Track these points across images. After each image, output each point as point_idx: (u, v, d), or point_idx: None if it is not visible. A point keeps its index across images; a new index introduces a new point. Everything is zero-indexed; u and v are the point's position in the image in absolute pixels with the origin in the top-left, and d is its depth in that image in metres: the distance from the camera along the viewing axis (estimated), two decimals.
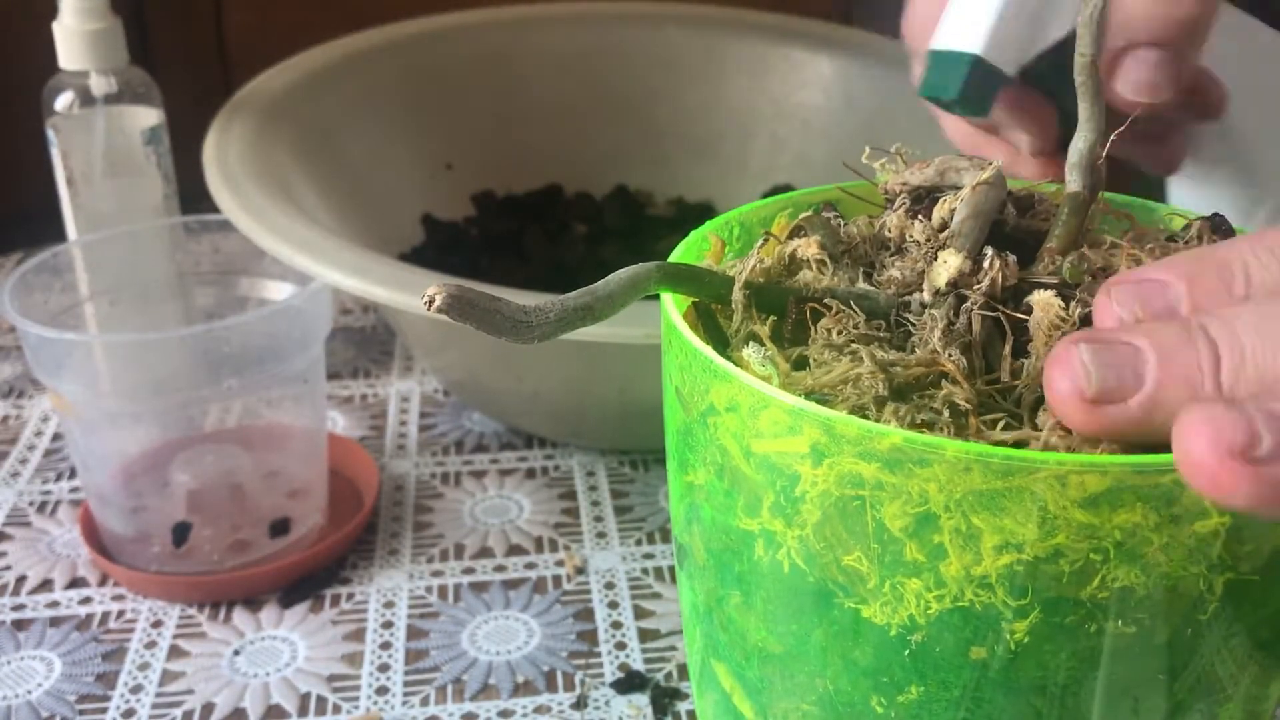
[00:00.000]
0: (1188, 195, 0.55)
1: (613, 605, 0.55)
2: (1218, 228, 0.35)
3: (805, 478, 0.29)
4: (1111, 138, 0.34)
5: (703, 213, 0.82)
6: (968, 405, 0.29)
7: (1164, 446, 0.25)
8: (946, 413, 0.29)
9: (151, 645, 0.53)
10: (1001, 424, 0.29)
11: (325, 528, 0.59)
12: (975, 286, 0.32)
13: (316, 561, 0.56)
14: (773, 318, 0.33)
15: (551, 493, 0.63)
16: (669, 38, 0.86)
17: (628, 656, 0.52)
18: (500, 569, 0.57)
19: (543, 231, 0.80)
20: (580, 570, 0.57)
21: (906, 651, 0.29)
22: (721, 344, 0.33)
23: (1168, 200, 0.55)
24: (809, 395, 0.29)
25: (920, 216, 0.34)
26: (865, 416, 0.28)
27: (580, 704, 0.49)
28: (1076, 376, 0.26)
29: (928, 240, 0.34)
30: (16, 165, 0.75)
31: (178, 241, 0.63)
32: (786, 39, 0.84)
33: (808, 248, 0.33)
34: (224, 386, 0.54)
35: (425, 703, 0.49)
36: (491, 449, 0.66)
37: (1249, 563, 0.28)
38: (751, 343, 0.31)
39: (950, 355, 0.30)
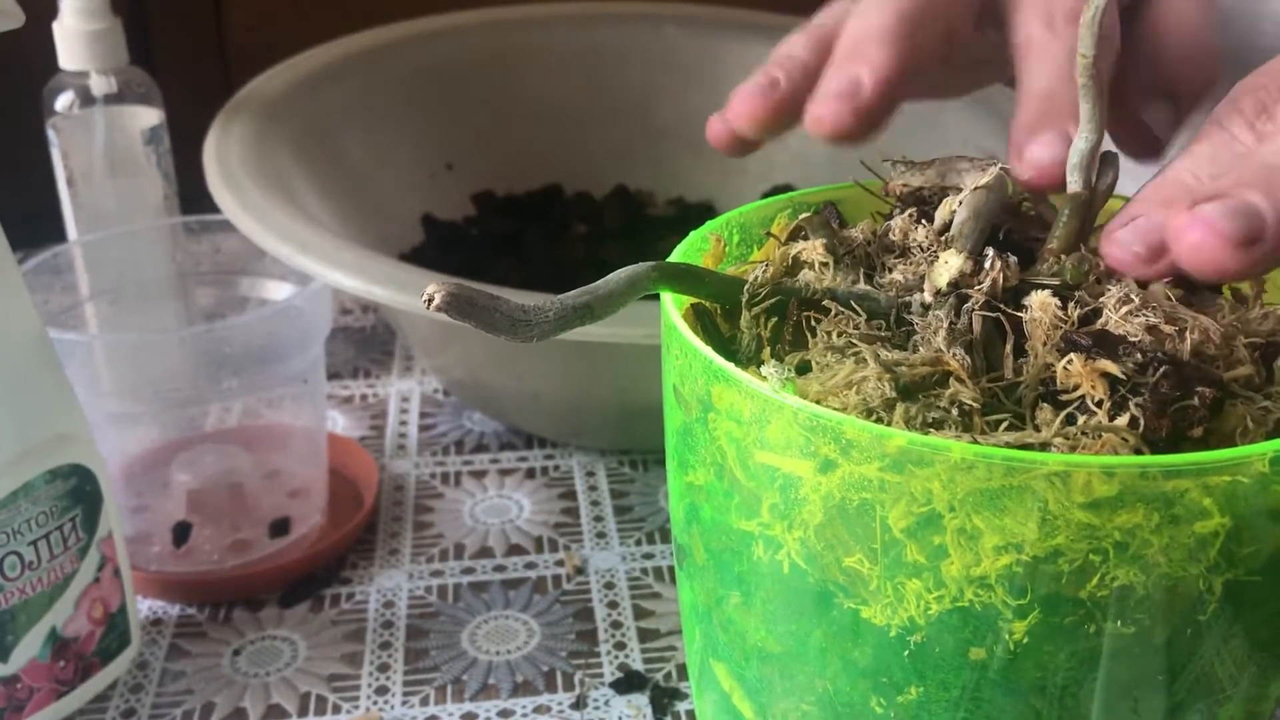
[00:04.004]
0: None
1: (612, 605, 0.55)
2: None
3: (808, 481, 0.29)
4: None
5: (703, 213, 0.82)
6: (974, 404, 0.29)
7: None
8: (955, 412, 0.29)
9: (151, 645, 0.53)
10: (1005, 424, 0.29)
11: (325, 528, 0.59)
12: (976, 287, 0.32)
13: (316, 561, 0.56)
14: (774, 320, 0.33)
15: (551, 493, 0.63)
16: (669, 38, 0.86)
17: (627, 656, 0.52)
18: (500, 569, 0.57)
19: (543, 231, 0.80)
20: (580, 570, 0.57)
21: (906, 652, 0.29)
22: (719, 344, 0.33)
23: None
24: (817, 402, 0.29)
25: (924, 221, 0.35)
26: (876, 420, 0.28)
27: (580, 704, 0.49)
28: (1220, 228, 0.29)
29: (930, 246, 0.34)
30: (16, 165, 0.75)
31: (178, 241, 0.63)
32: None
33: (813, 250, 0.33)
34: (224, 386, 0.54)
35: (425, 702, 0.49)
36: (491, 449, 0.66)
37: (1248, 563, 0.28)
38: (772, 360, 0.31)
39: (955, 355, 0.30)
